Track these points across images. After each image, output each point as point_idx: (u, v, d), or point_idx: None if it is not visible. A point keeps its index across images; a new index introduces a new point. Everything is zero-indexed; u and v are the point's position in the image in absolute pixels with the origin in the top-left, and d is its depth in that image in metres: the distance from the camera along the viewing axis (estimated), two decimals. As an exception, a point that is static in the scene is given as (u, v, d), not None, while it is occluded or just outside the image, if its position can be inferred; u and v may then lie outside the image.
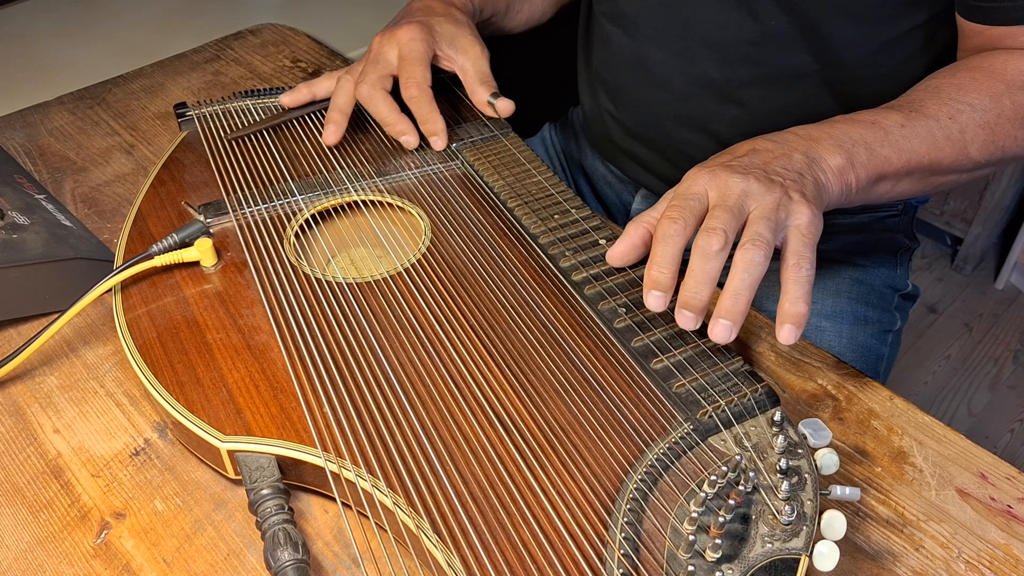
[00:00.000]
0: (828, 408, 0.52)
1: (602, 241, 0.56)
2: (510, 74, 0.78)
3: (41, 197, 0.67)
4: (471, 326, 0.51)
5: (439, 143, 0.66)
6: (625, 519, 0.40)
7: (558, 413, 0.46)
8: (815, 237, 0.48)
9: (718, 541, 0.37)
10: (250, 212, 0.61)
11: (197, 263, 0.56)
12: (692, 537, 0.38)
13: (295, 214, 0.61)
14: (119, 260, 0.57)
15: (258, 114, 0.73)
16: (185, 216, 0.61)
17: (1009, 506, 0.47)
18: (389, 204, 0.63)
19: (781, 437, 0.43)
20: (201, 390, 0.48)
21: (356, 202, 0.63)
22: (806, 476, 0.41)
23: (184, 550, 0.45)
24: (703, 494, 0.40)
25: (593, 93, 0.83)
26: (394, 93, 0.66)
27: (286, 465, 0.45)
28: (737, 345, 0.56)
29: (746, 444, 0.43)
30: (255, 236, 0.58)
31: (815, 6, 0.63)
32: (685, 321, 0.47)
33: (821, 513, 0.40)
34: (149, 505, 0.47)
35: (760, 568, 0.37)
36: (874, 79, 0.67)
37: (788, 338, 0.45)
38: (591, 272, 0.53)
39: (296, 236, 0.59)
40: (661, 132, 0.76)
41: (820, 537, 0.39)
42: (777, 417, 0.44)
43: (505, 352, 0.50)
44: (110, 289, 0.53)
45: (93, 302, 0.53)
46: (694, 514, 0.39)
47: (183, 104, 0.74)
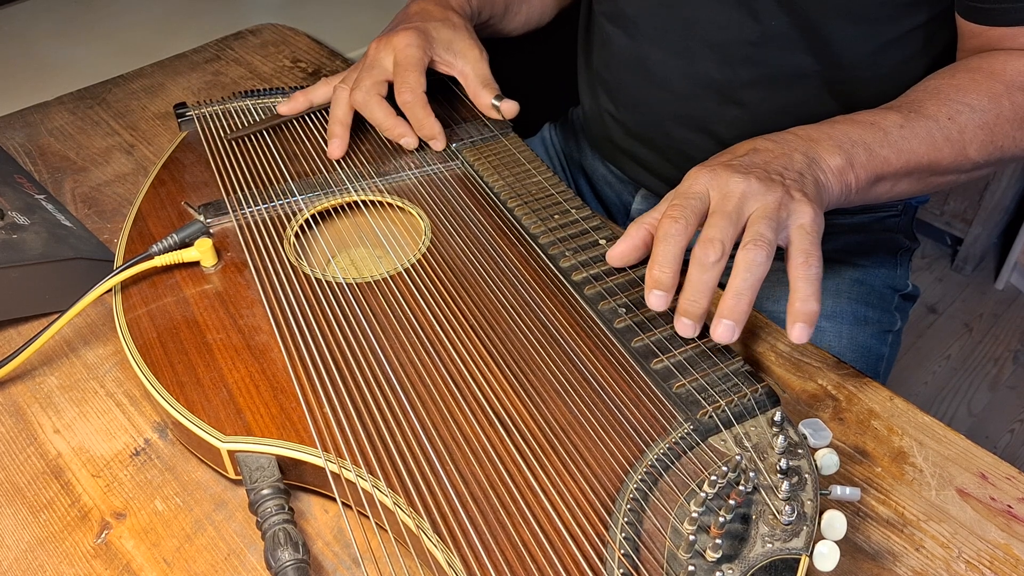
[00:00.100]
0: (828, 408, 0.52)
1: (602, 241, 0.56)
2: (510, 74, 0.78)
3: (41, 197, 0.67)
4: (471, 326, 0.51)
5: (438, 145, 0.66)
6: (625, 519, 0.40)
7: (558, 413, 0.46)
8: (819, 235, 0.48)
9: (718, 541, 0.38)
10: (250, 212, 0.61)
11: (197, 263, 0.56)
12: (692, 537, 0.38)
13: (295, 214, 0.61)
14: (119, 260, 0.57)
15: (258, 114, 0.73)
16: (185, 216, 0.61)
17: (1009, 506, 0.47)
18: (389, 204, 0.63)
19: (781, 437, 0.43)
20: (201, 390, 0.48)
21: (356, 202, 0.63)
22: (806, 476, 0.41)
23: (184, 550, 0.45)
24: (703, 494, 0.40)
25: (593, 93, 0.83)
26: (391, 99, 0.66)
27: (286, 465, 0.45)
28: (737, 345, 0.56)
29: (746, 444, 0.43)
30: (255, 236, 0.58)
31: (815, 7, 0.63)
32: (684, 328, 0.48)
33: (821, 513, 0.40)
34: (149, 505, 0.47)
35: (760, 568, 0.37)
36: (874, 79, 0.67)
37: (800, 337, 0.45)
38: (591, 272, 0.53)
39: (296, 236, 0.59)
40: (661, 132, 0.76)
41: (820, 537, 0.39)
42: (777, 417, 0.44)
43: (505, 352, 0.50)
44: (110, 289, 0.53)
45: (93, 302, 0.53)
46: (694, 514, 0.39)
47: (183, 104, 0.74)
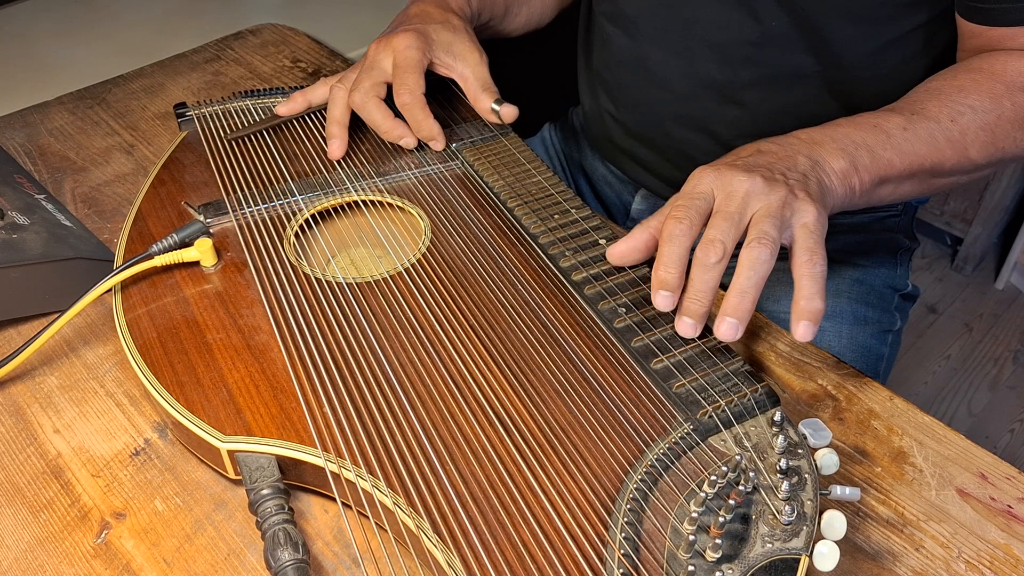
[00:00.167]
0: (828, 408, 0.52)
1: (602, 241, 0.56)
2: (510, 74, 0.78)
3: (41, 197, 0.67)
4: (471, 326, 0.51)
5: (437, 145, 0.66)
6: (625, 519, 0.40)
7: (558, 413, 0.46)
8: (822, 234, 0.48)
9: (718, 541, 0.37)
10: (250, 212, 0.61)
11: (197, 263, 0.56)
12: (692, 537, 0.38)
13: (295, 214, 0.61)
14: (119, 260, 0.57)
15: (258, 114, 0.73)
16: (185, 216, 0.61)
17: (1009, 506, 0.47)
18: (389, 204, 0.63)
19: (781, 437, 0.43)
20: (201, 390, 0.48)
21: (356, 202, 0.63)
22: (806, 476, 0.41)
23: (184, 550, 0.45)
24: (703, 494, 0.40)
25: (593, 93, 0.83)
26: (389, 101, 0.66)
27: (286, 465, 0.45)
28: (737, 345, 0.56)
29: (746, 444, 0.43)
30: (255, 236, 0.58)
31: (816, 7, 0.63)
32: (685, 328, 0.48)
33: (821, 513, 0.40)
34: (149, 505, 0.47)
35: (760, 568, 0.37)
36: (875, 79, 0.67)
37: (805, 335, 0.45)
38: (591, 272, 0.53)
39: (296, 236, 0.59)
40: (661, 132, 0.76)
41: (820, 537, 0.39)
42: (777, 417, 0.44)
43: (505, 352, 0.50)
44: (110, 289, 0.53)
45: (93, 302, 0.53)
46: (694, 514, 0.39)
47: (183, 104, 0.74)
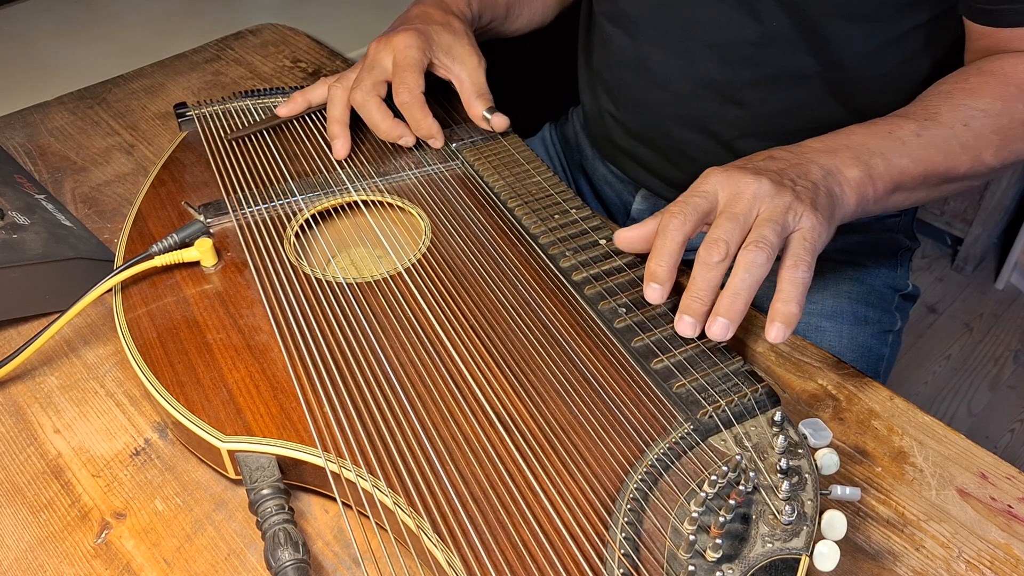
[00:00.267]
0: (828, 408, 0.52)
1: (602, 241, 0.56)
2: (510, 74, 0.78)
3: (41, 197, 0.67)
4: (471, 326, 0.51)
5: (436, 143, 0.66)
6: (625, 519, 0.40)
7: (558, 413, 0.46)
8: (816, 244, 0.48)
9: (718, 541, 0.37)
10: (250, 212, 0.61)
11: (197, 263, 0.56)
12: (692, 537, 0.38)
13: (295, 214, 0.61)
14: (119, 260, 0.57)
15: (258, 114, 0.73)
16: (185, 216, 0.61)
17: (1009, 506, 0.47)
18: (389, 204, 0.63)
19: (781, 437, 0.43)
20: (201, 390, 0.48)
21: (356, 202, 0.63)
22: (806, 476, 0.41)
23: (184, 550, 0.45)
24: (703, 494, 0.40)
25: (593, 93, 0.83)
26: (389, 100, 0.66)
27: (286, 465, 0.45)
28: (737, 345, 0.56)
29: (746, 444, 0.43)
30: (255, 236, 0.58)
31: (816, 7, 0.63)
32: (684, 327, 0.48)
33: (821, 513, 0.40)
34: (149, 505, 0.47)
35: (760, 568, 0.37)
36: (876, 79, 0.67)
37: (777, 337, 0.46)
38: (591, 272, 0.53)
39: (296, 236, 0.59)
40: (662, 132, 0.76)
41: (820, 537, 0.39)
42: (777, 417, 0.44)
43: (505, 352, 0.50)
44: (110, 289, 0.53)
45: (93, 302, 0.53)
46: (694, 514, 0.39)
47: (183, 104, 0.74)
